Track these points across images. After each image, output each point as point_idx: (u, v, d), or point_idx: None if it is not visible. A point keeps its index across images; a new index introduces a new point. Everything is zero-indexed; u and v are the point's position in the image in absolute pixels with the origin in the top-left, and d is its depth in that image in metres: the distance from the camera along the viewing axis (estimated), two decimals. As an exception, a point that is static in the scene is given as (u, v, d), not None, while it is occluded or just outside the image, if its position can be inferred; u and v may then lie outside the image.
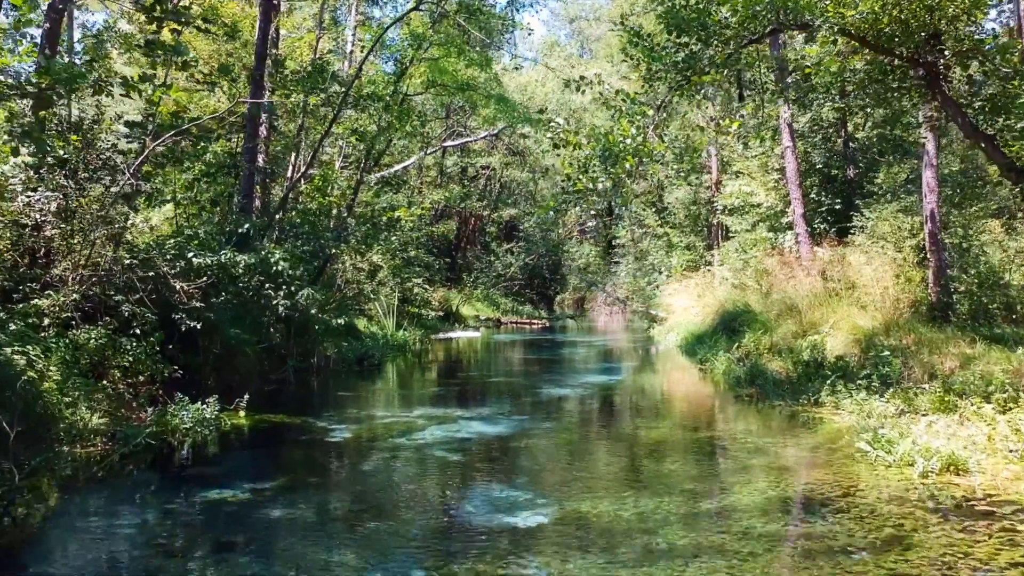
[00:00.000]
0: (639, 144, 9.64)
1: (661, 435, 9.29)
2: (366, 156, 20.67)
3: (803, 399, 10.83)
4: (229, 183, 15.63)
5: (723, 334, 17.83)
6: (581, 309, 42.57)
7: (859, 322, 13.70)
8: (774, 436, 9.00)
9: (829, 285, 15.75)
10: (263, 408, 10.92)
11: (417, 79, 25.29)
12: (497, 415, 10.51)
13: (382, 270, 21.92)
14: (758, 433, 9.23)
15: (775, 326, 15.71)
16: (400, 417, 10.44)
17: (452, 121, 33.95)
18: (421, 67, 25.12)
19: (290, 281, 11.47)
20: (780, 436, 9.00)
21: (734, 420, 10.20)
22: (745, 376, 13.02)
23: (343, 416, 10.53)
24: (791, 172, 19.00)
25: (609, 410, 11.49)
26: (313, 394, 12.73)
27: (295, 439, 9.21)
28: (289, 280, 11.45)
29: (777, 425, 9.69)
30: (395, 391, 13.54)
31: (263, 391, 12.47)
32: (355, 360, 16.00)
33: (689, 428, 9.74)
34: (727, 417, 10.53)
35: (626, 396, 12.89)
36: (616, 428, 9.85)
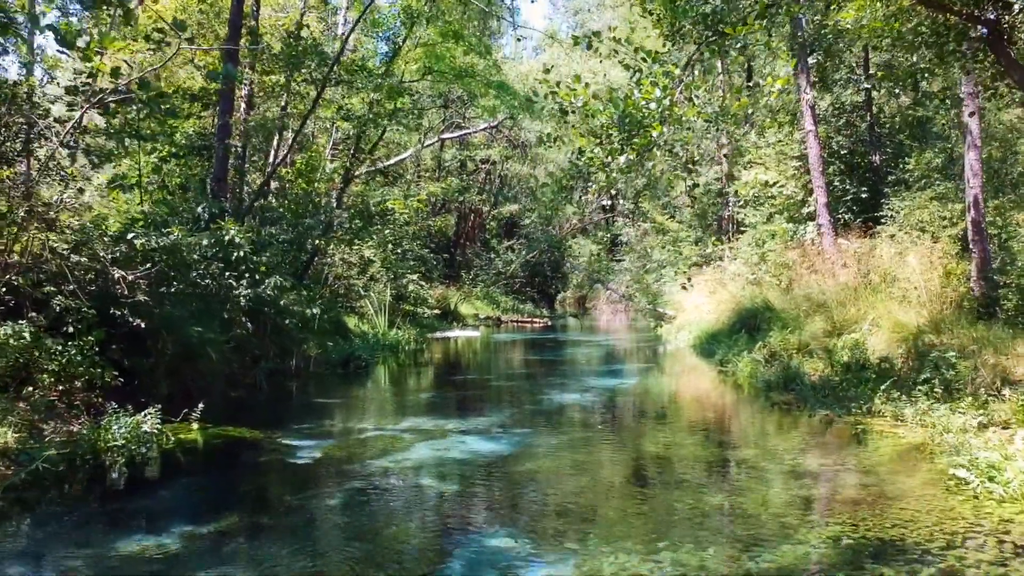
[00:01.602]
0: (665, 109, 7.95)
1: (691, 456, 7.59)
2: (356, 142, 18.98)
3: (853, 408, 9.14)
4: (202, 166, 13.94)
5: (742, 333, 16.15)
6: (583, 308, 40.83)
7: (902, 319, 11.99)
8: (831, 456, 7.31)
9: (862, 279, 14.05)
10: (223, 419, 9.23)
11: (413, 66, 23.63)
12: (496, 428, 8.81)
13: (374, 265, 20.20)
14: (811, 451, 7.54)
15: (802, 324, 14.02)
16: (384, 431, 8.74)
17: (451, 112, 32.22)
18: (417, 52, 23.47)
19: (254, 268, 9.76)
20: (839, 456, 7.30)
21: (777, 435, 8.50)
22: (777, 380, 11.36)
23: (316, 430, 8.83)
24: (813, 158, 17.28)
25: (624, 422, 9.76)
26: (287, 401, 11.03)
27: (252, 461, 7.51)
28: (253, 267, 9.74)
29: (831, 441, 7.99)
30: (382, 398, 11.82)
31: (228, 398, 10.78)
32: (340, 362, 14.30)
33: (725, 446, 8.03)
34: (767, 431, 8.83)
35: (641, 404, 11.18)
36: (635, 447, 8.12)
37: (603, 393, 11.89)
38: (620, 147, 8.01)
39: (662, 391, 12.49)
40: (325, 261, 19.15)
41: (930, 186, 15.99)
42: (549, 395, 11.60)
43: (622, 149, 7.86)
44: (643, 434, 8.65)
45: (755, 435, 8.57)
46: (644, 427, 9.18)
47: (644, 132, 7.73)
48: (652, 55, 8.51)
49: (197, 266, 9.05)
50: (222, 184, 13.53)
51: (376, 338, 17.57)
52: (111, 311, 8.51)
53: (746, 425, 9.29)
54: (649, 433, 8.67)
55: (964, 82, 13.64)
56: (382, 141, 30.69)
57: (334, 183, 18.92)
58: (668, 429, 8.98)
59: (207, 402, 10.20)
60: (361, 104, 16.77)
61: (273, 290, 10.05)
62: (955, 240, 14.57)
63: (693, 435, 8.60)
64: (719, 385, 12.56)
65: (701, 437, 8.42)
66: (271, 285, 10.03)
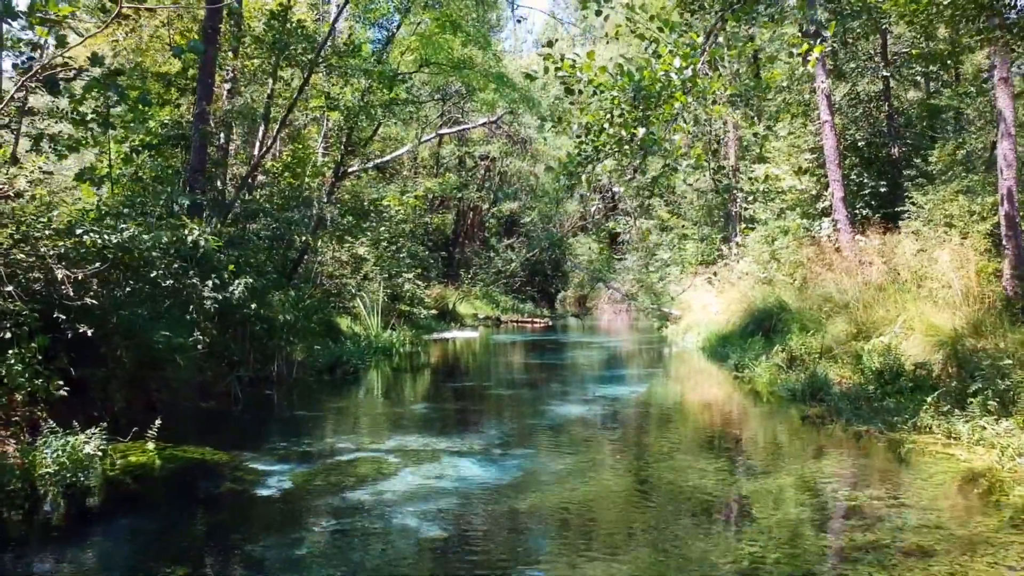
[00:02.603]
0: (687, 80, 6.84)
1: (717, 487, 6.47)
2: (348, 134, 17.86)
3: (896, 422, 8.02)
4: (179, 157, 12.82)
5: (756, 335, 15.03)
6: (584, 307, 39.69)
7: (935, 321, 10.88)
8: (881, 485, 6.18)
9: (887, 278, 12.93)
10: (188, 435, 8.12)
11: (409, 56, 22.51)
12: (494, 448, 7.69)
13: (367, 263, 19.07)
14: (856, 479, 6.42)
15: (823, 326, 12.91)
16: (367, 452, 7.62)
17: (449, 106, 31.07)
18: (414, 43, 22.35)
19: (221, 267, 8.64)
20: (891, 485, 6.18)
21: (813, 456, 7.37)
22: (803, 389, 10.23)
23: (291, 450, 7.71)
24: (829, 150, 16.16)
25: (636, 441, 8.60)
26: (263, 414, 9.91)
27: (209, 492, 6.39)
28: (220, 266, 8.62)
29: (876, 465, 6.87)
30: (369, 410, 10.68)
31: (198, 411, 9.67)
32: (327, 367, 13.18)
33: (754, 473, 6.89)
34: (801, 451, 7.71)
35: (653, 417, 10.03)
36: (651, 474, 6.97)
37: (610, 404, 10.75)
38: (635, 124, 6.89)
39: (675, 402, 11.35)
40: (316, 260, 18.03)
41: (956, 178, 14.87)
42: (551, 406, 10.47)
43: (640, 124, 6.75)
44: (659, 456, 7.51)
45: (788, 457, 7.44)
46: (659, 447, 8.04)
47: (665, 103, 6.61)
48: (669, 24, 7.39)
49: (157, 265, 7.93)
50: (199, 176, 12.40)
51: (368, 340, 16.45)
52: (56, 315, 7.40)
53: (776, 444, 8.15)
54: (665, 455, 7.53)
55: (999, 65, 12.54)
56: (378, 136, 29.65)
57: (325, 177, 17.80)
58: (687, 450, 7.85)
59: (173, 415, 9.11)
60: (353, 93, 15.63)
61: (243, 292, 8.92)
62: (985, 236, 13.49)
63: (716, 458, 7.48)
64: (736, 394, 11.44)
65: (726, 461, 7.29)
66: (240, 286, 8.90)
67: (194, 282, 8.07)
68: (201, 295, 8.29)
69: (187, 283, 8.06)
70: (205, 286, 8.28)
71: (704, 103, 6.90)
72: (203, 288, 8.26)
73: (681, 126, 6.82)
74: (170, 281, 8.01)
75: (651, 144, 6.84)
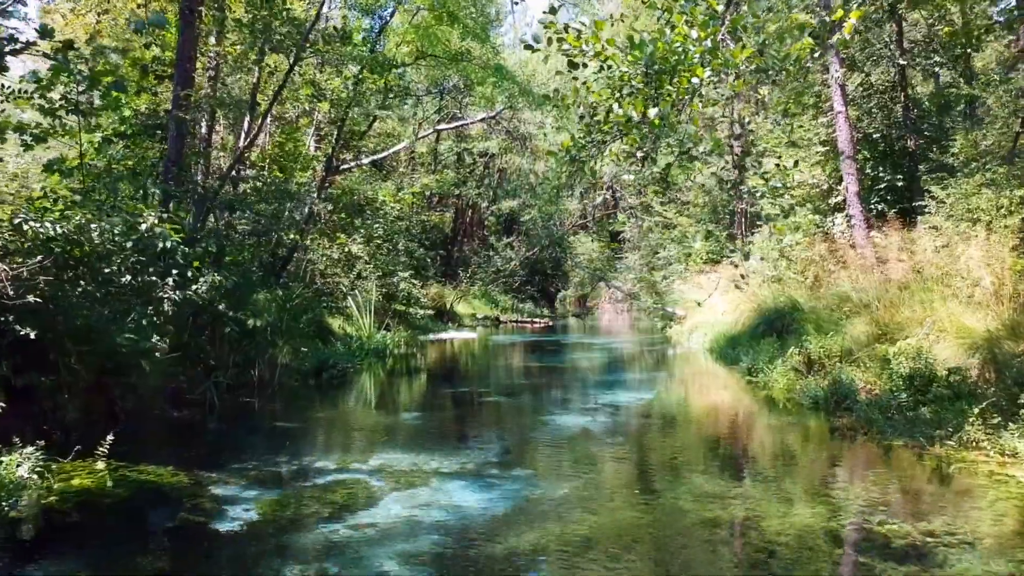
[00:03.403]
0: (707, 51, 5.95)
1: (751, 513, 5.57)
2: (339, 127, 16.96)
3: (938, 436, 7.12)
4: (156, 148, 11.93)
5: (767, 336, 14.15)
6: (585, 307, 38.79)
7: (968, 322, 10.00)
8: (939, 516, 5.28)
9: (912, 275, 12.04)
10: (150, 451, 7.25)
11: (405, 49, 21.61)
12: (490, 468, 6.78)
13: (361, 261, 18.17)
14: (909, 505, 5.53)
15: (841, 327, 12.01)
16: (347, 472, 6.71)
17: (447, 101, 30.15)
18: (409, 34, 21.45)
19: (185, 263, 7.73)
20: (950, 516, 5.28)
21: (852, 479, 6.47)
22: (826, 396, 9.33)
23: (263, 469, 6.81)
24: (844, 143, 15.26)
25: (648, 458, 7.65)
26: (238, 425, 9.01)
27: (158, 525, 5.48)
28: (184, 262, 7.71)
29: (927, 490, 5.97)
30: (353, 420, 9.75)
31: (167, 421, 8.78)
32: (313, 371, 12.28)
33: (786, 499, 5.97)
34: (839, 471, 6.81)
35: (665, 430, 9.08)
36: (671, 498, 6.03)
37: (616, 413, 9.84)
38: (647, 103, 6.01)
39: (686, 411, 10.42)
40: (306, 257, 17.15)
41: (979, 171, 13.95)
42: (552, 416, 9.55)
43: (653, 101, 5.87)
44: (673, 479, 6.59)
45: (822, 480, 6.55)
46: (672, 467, 7.11)
47: (681, 78, 5.72)
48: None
49: (112, 260, 7.03)
50: (177, 168, 11.50)
51: (360, 342, 15.55)
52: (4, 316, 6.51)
53: (806, 464, 7.23)
54: (680, 477, 6.61)
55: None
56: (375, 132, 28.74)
57: (316, 171, 16.91)
58: (705, 471, 6.94)
59: (139, 427, 8.26)
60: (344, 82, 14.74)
61: (210, 291, 8.00)
62: (1014, 231, 12.59)
63: (738, 481, 6.58)
64: (752, 401, 10.53)
65: (750, 485, 6.38)
66: (207, 284, 7.98)
67: (153, 279, 7.16)
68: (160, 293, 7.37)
69: (145, 280, 7.14)
70: (165, 283, 7.37)
71: (726, 77, 6.00)
72: (163, 285, 7.35)
73: (697, 105, 5.92)
74: (127, 277, 7.10)
75: (664, 125, 5.95)
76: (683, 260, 24.99)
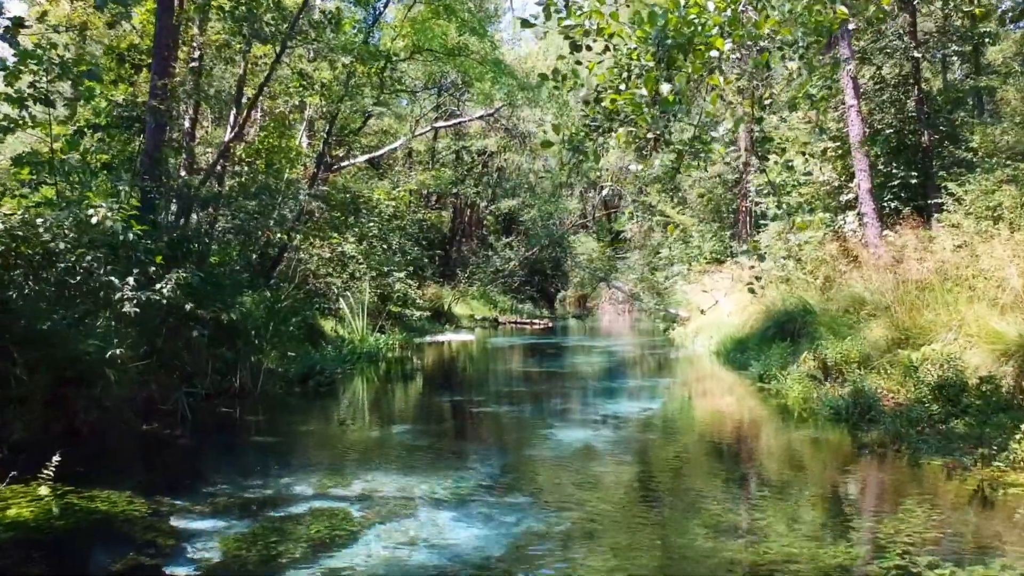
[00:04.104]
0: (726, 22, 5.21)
1: (781, 552, 4.82)
2: (331, 122, 16.23)
3: (981, 455, 6.37)
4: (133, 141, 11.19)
5: (776, 339, 13.40)
6: (585, 307, 38.01)
7: (998, 327, 9.26)
8: (1003, 556, 4.54)
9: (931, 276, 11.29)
10: (108, 472, 6.51)
11: (401, 43, 20.86)
12: (484, 494, 6.02)
13: (355, 261, 17.43)
14: (972, 545, 4.78)
15: (855, 330, 11.27)
16: (325, 499, 5.95)
17: (445, 98, 29.40)
18: (405, 28, 20.71)
19: (146, 261, 6.97)
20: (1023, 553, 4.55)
21: (897, 508, 5.70)
22: (848, 406, 8.58)
23: (232, 495, 6.06)
24: (855, 138, 14.53)
25: (660, 481, 6.81)
26: (212, 439, 8.27)
27: (99, 567, 4.75)
28: (146, 259, 6.95)
29: (988, 523, 5.21)
30: (337, 435, 8.92)
31: (135, 436, 8.03)
32: (300, 377, 11.54)
33: (831, 536, 5.20)
34: (880, 499, 6.06)
35: (677, 445, 8.28)
36: (688, 534, 5.27)
37: (622, 426, 9.06)
38: (659, 80, 5.27)
39: (697, 424, 9.61)
40: (296, 257, 16.41)
41: (1000, 166, 13.22)
42: (553, 429, 8.76)
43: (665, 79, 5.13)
44: (690, 509, 5.78)
45: (857, 508, 5.80)
46: (688, 493, 6.31)
47: (696, 52, 4.99)
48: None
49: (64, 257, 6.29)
50: (153, 162, 10.75)
51: (352, 345, 14.81)
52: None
53: (837, 489, 6.44)
54: (698, 507, 5.81)
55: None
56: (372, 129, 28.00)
57: (307, 168, 16.17)
58: (725, 498, 6.17)
59: (101, 443, 7.52)
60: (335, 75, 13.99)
61: (174, 290, 7.23)
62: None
63: (761, 510, 5.82)
64: (767, 411, 9.78)
65: (777, 516, 5.62)
66: (173, 282, 7.20)
67: (110, 279, 6.40)
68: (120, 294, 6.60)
69: (101, 280, 6.38)
70: (125, 283, 6.61)
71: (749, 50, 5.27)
72: (122, 285, 6.59)
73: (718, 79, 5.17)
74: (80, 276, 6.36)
75: (679, 103, 5.21)
76: (686, 260, 24.27)
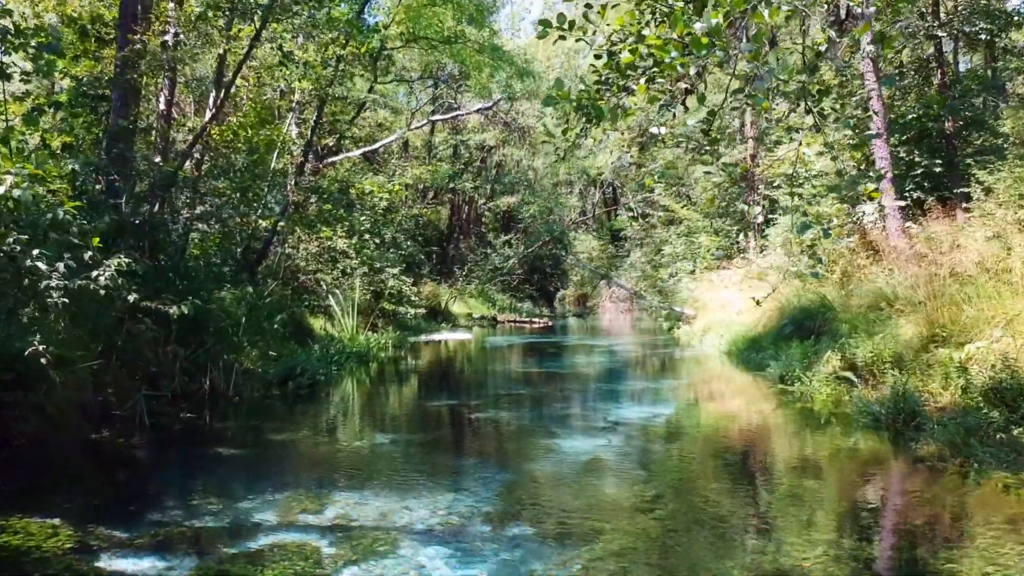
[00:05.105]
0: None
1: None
2: (320, 107, 15.22)
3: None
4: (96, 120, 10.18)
5: (794, 338, 12.40)
6: (585, 306, 36.98)
7: (1049, 323, 8.26)
8: None
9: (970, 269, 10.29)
10: (36, 493, 5.51)
11: (395, 29, 19.85)
12: (480, 524, 4.96)
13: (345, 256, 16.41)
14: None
15: (884, 327, 10.27)
16: (292, 530, 4.92)
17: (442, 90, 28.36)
18: (399, 14, 19.69)
19: (80, 245, 5.94)
20: None
21: (984, 540, 4.69)
22: (889, 412, 7.57)
23: (179, 524, 5.04)
24: (878, 125, 13.56)
25: (688, 505, 5.54)
26: (169, 451, 7.24)
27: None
28: (79, 242, 5.92)
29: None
30: (315, 446, 7.77)
31: (84, 446, 7.01)
32: (280, 379, 10.51)
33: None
34: (954, 525, 5.04)
35: (701, 458, 7.18)
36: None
37: (632, 436, 8.01)
38: (689, 16, 4.27)
39: (720, 431, 8.49)
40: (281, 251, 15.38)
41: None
42: (557, 440, 7.70)
43: (698, 12, 4.13)
44: (724, 544, 4.72)
45: (931, 545, 4.78)
46: (719, 522, 5.24)
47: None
48: None
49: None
50: (120, 144, 9.74)
51: (340, 344, 13.79)
52: None
53: (900, 518, 5.34)
54: (733, 542, 4.76)
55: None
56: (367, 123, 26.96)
57: (293, 156, 15.16)
58: (764, 529, 5.13)
59: (39, 457, 6.52)
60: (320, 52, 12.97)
61: (113, 279, 6.18)
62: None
63: (811, 543, 4.81)
64: (794, 417, 8.75)
65: (836, 555, 4.61)
66: (112, 269, 6.15)
67: (36, 265, 5.37)
68: (43, 285, 5.57)
69: (26, 266, 5.35)
70: (54, 268, 5.58)
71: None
72: (51, 272, 5.56)
73: (763, 15, 4.16)
74: (1, 261, 5.34)
75: (714, 44, 4.21)
76: (691, 257, 23.27)
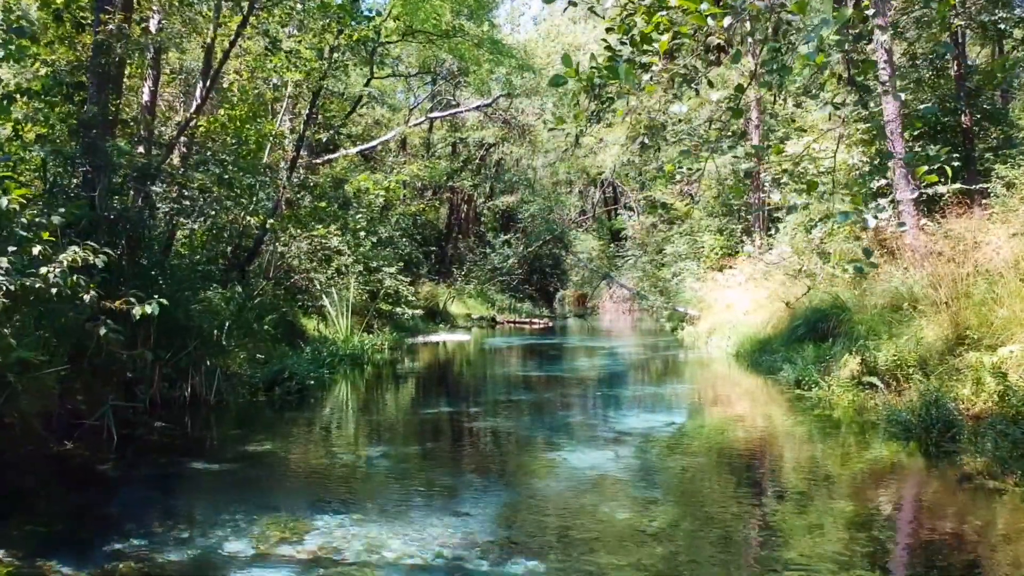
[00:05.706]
0: None
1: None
2: (313, 100, 14.61)
3: None
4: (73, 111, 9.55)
5: (807, 340, 11.81)
6: (585, 306, 36.36)
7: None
8: None
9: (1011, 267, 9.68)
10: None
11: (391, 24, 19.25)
12: (477, 557, 4.28)
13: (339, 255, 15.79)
14: None
15: (907, 329, 9.67)
16: (266, 565, 4.27)
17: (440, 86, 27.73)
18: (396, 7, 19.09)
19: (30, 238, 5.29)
20: None
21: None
22: (922, 421, 6.95)
23: (140, 556, 4.40)
24: (891, 117, 12.94)
25: (713, 533, 4.86)
26: (138, 465, 6.60)
27: None
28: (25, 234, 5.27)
29: None
30: (298, 459, 7.03)
31: (45, 460, 6.38)
32: (266, 383, 9.88)
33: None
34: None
35: (722, 474, 6.46)
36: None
37: (643, 448, 7.35)
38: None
39: (739, 443, 7.76)
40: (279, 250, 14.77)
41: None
42: (561, 452, 7.04)
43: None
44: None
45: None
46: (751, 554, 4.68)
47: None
48: None
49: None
50: (96, 133, 9.11)
51: (333, 346, 13.17)
52: None
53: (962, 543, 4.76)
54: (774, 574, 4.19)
55: None
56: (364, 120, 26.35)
57: (285, 151, 14.55)
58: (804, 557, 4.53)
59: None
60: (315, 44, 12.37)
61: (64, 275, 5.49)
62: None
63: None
64: (816, 425, 8.13)
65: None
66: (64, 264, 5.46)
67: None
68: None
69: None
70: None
71: None
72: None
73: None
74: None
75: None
76: (695, 256, 22.68)
